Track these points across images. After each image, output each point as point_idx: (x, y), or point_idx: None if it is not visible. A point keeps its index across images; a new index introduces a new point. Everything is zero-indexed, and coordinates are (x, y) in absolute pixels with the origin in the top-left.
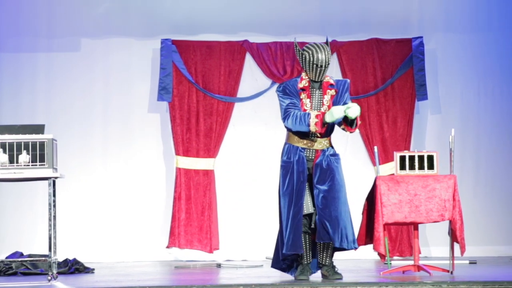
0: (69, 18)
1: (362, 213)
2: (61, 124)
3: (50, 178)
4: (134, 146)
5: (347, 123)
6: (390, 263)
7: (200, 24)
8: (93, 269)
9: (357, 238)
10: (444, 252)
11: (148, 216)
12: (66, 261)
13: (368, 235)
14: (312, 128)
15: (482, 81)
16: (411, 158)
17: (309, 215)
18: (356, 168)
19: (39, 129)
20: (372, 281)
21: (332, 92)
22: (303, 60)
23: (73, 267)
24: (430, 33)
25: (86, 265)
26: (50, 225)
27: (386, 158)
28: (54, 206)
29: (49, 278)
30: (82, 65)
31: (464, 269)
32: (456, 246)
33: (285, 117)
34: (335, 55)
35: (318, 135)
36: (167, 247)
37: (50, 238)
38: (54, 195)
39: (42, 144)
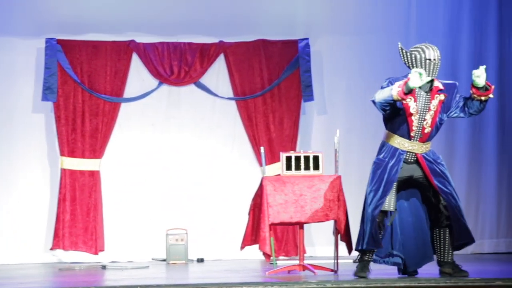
0: None
1: (249, 213)
2: None
3: None
4: (17, 146)
5: (478, 88)
6: (276, 263)
7: (86, 24)
8: None
9: (243, 238)
10: (329, 252)
11: (31, 217)
12: None
13: (254, 235)
14: (394, 92)
15: (366, 82)
16: (297, 158)
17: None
18: (243, 168)
19: None
20: (257, 281)
21: (441, 97)
22: (414, 60)
23: None
24: (316, 35)
25: None
26: None
27: (272, 158)
28: None
29: None
30: None
31: (349, 268)
32: (342, 246)
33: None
34: (222, 56)
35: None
36: (51, 249)
37: None
38: None
39: None
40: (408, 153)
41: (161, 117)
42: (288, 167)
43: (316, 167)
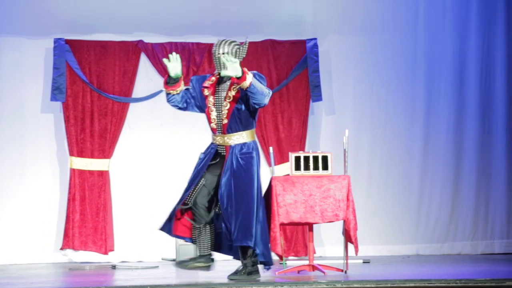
0: None
1: None
2: None
3: None
4: (27, 146)
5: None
6: (286, 263)
7: (94, 24)
8: None
9: None
10: (338, 252)
11: (41, 217)
12: None
13: None
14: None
15: (375, 82)
16: (306, 158)
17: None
18: None
19: None
20: (267, 281)
21: (238, 87)
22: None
23: None
24: (324, 35)
25: None
26: None
27: (281, 158)
28: None
29: None
30: None
31: (358, 268)
32: (351, 246)
33: None
34: None
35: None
36: (61, 248)
37: None
38: None
39: None
40: (219, 146)
41: (170, 117)
42: (297, 167)
43: (325, 167)
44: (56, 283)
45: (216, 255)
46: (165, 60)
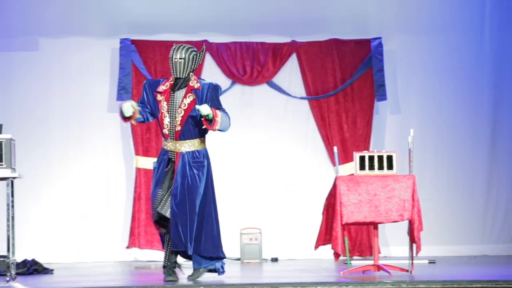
0: (28, 16)
1: (322, 213)
2: (19, 124)
3: (8, 178)
4: (93, 146)
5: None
6: (350, 263)
7: (159, 24)
8: (52, 270)
9: (317, 238)
10: (403, 252)
11: (108, 216)
12: (24, 262)
13: (328, 235)
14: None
15: (440, 81)
16: (371, 158)
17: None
18: (316, 168)
19: None
20: (332, 281)
21: (194, 96)
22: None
23: (31, 268)
24: (389, 33)
25: (45, 266)
26: (8, 226)
27: (345, 158)
28: (13, 206)
29: (8, 279)
30: (40, 65)
31: (423, 268)
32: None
33: None
34: (294, 55)
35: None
36: (127, 247)
37: (8, 239)
38: (12, 195)
39: None
40: (170, 152)
41: (234, 117)
42: (362, 167)
43: (390, 167)
44: (123, 281)
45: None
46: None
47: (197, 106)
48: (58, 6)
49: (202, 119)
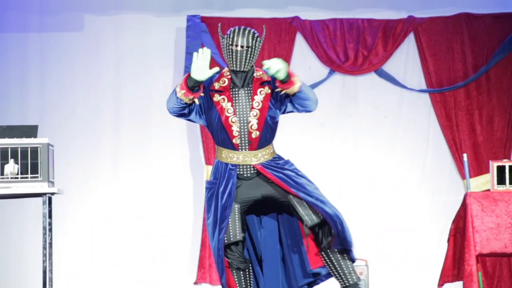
0: None
1: (448, 241)
2: (59, 125)
3: (45, 194)
4: (153, 153)
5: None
6: None
7: None
8: None
9: (441, 273)
10: None
11: (170, 242)
12: None
13: (456, 269)
14: (178, 91)
15: None
16: None
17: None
18: (440, 182)
19: (31, 131)
20: None
21: (267, 90)
22: (223, 48)
23: None
24: None
25: None
26: (44, 255)
27: (479, 169)
28: (50, 230)
29: None
30: (85, 49)
31: None
32: None
33: None
34: (411, 35)
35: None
36: (195, 283)
37: (44, 272)
38: (50, 217)
39: (34, 151)
40: (241, 166)
41: (333, 115)
42: (501, 181)
43: None
44: None
45: None
46: (194, 56)
47: (264, 61)
48: None
49: (276, 83)
